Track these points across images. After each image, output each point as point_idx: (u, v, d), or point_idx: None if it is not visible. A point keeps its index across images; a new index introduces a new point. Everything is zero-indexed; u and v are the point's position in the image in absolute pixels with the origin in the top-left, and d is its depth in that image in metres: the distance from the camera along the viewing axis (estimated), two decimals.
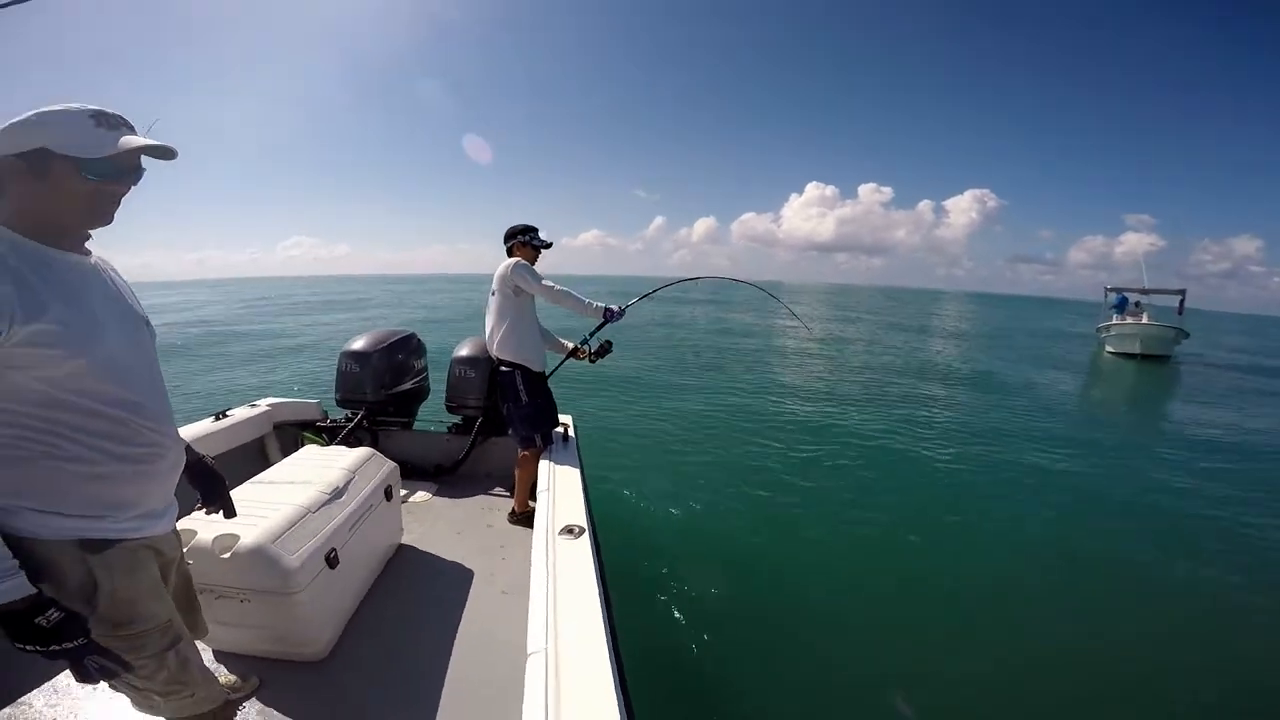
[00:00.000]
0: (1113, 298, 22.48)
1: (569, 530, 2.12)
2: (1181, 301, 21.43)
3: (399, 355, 4.01)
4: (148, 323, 1.28)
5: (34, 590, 1.02)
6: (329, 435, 3.76)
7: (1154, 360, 19.13)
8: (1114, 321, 21.15)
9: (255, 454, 3.56)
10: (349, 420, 3.89)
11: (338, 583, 2.17)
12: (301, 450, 2.85)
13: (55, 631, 1.03)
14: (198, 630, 1.53)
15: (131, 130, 1.10)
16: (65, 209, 1.08)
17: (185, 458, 1.37)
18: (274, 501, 2.16)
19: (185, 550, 1.54)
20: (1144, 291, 22.04)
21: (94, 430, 1.11)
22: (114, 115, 1.08)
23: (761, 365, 14.45)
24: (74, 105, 1.05)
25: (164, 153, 1.12)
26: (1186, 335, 20.16)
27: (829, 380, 12.56)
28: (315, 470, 2.52)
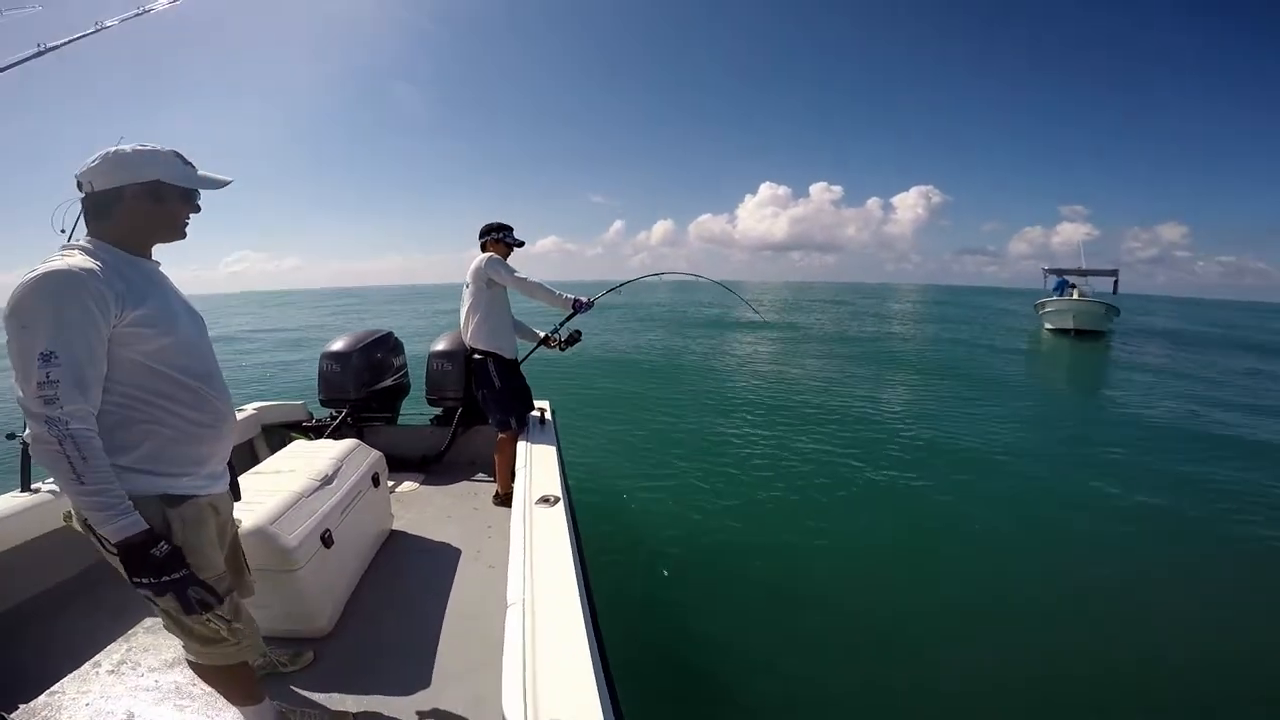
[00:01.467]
0: (1052, 280, 23.36)
1: (545, 500, 2.21)
2: (1115, 282, 22.56)
3: (378, 354, 4.09)
4: (201, 317, 1.49)
5: (147, 526, 1.20)
6: (315, 434, 3.79)
7: (1089, 336, 19.93)
8: (1050, 299, 21.95)
9: (246, 456, 3.59)
10: (333, 419, 3.96)
11: (334, 561, 2.24)
12: (290, 445, 2.95)
13: (166, 562, 1.21)
14: (244, 590, 1.68)
15: (196, 168, 1.37)
16: (164, 227, 1.35)
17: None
18: (268, 490, 2.22)
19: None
20: (1081, 273, 22.98)
21: (178, 398, 1.32)
22: (184, 155, 1.34)
23: (724, 354, 14.75)
24: (161, 146, 1.31)
25: (223, 184, 1.41)
26: (1118, 312, 21.04)
27: (789, 368, 12.84)
28: (304, 461, 2.59)
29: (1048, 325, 21.65)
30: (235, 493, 1.72)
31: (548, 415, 3.49)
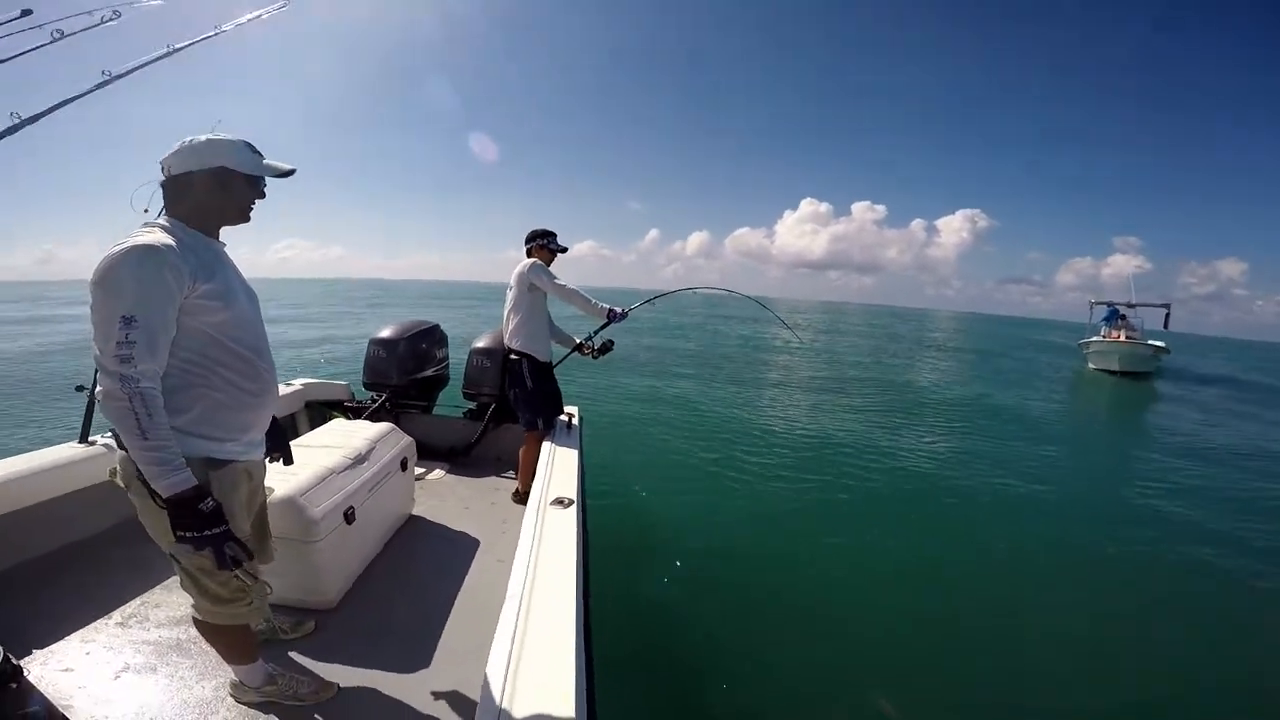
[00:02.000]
0: (1100, 311, 22.55)
1: (559, 501, 2.26)
2: (1167, 316, 21.50)
3: (423, 344, 4.24)
4: (255, 295, 1.59)
5: (197, 482, 1.29)
6: (354, 415, 3.95)
7: (1134, 377, 19.02)
8: (1096, 338, 21.12)
9: (287, 429, 3.80)
10: (373, 402, 4.12)
11: (353, 538, 2.33)
12: (330, 422, 3.10)
13: (210, 517, 1.30)
14: (266, 556, 1.75)
15: (264, 156, 1.47)
16: (231, 210, 1.46)
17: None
18: (303, 462, 2.31)
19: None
20: (1130, 305, 22.11)
21: (233, 366, 1.42)
22: (254, 145, 1.45)
23: (757, 372, 14.66)
24: (232, 135, 1.42)
25: (288, 173, 1.50)
26: (1167, 351, 19.99)
27: (821, 389, 12.72)
28: (341, 438, 2.71)
29: (1091, 365, 20.87)
30: (288, 457, 1.86)
31: (574, 421, 3.56)
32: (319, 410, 3.98)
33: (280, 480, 2.12)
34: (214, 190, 1.40)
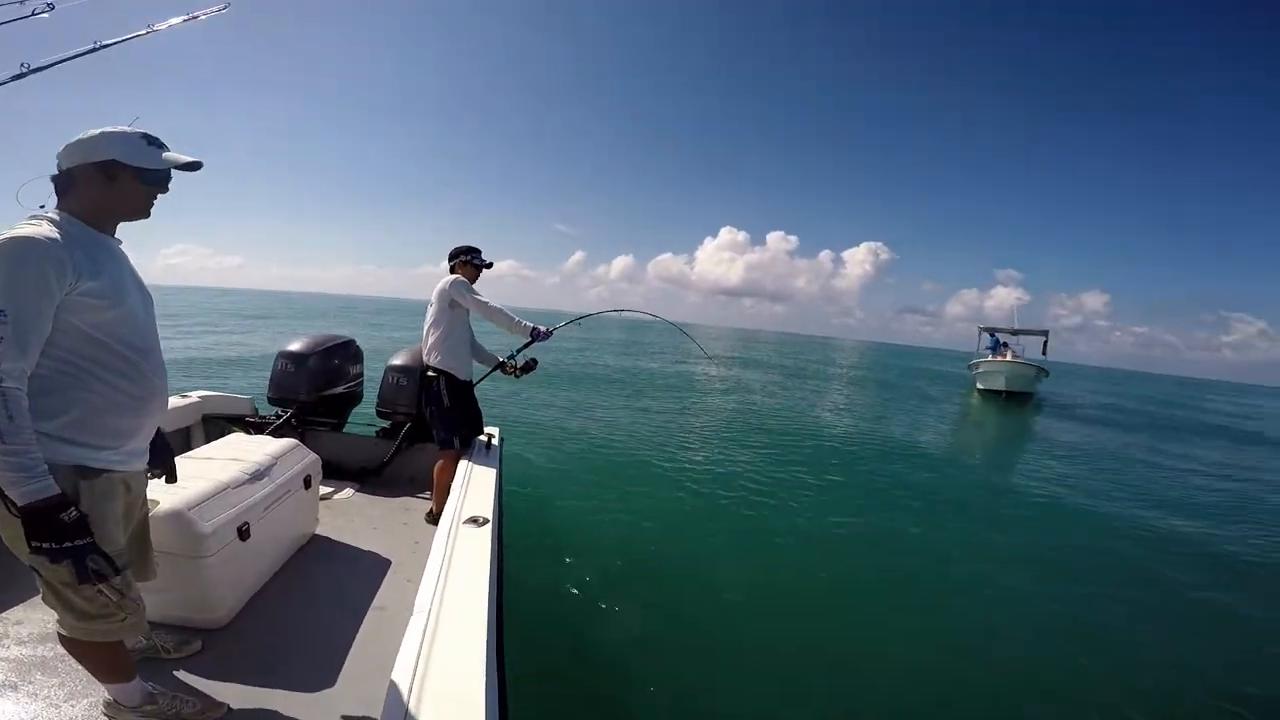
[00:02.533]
0: (986, 338, 24.48)
1: (474, 520, 2.22)
2: (1045, 343, 23.57)
3: (335, 360, 4.05)
4: (150, 295, 1.51)
5: (59, 491, 1.21)
6: (255, 430, 3.72)
7: (1018, 398, 20.60)
8: (984, 359, 22.81)
9: (180, 443, 3.48)
10: (278, 418, 3.89)
11: (247, 555, 2.21)
12: (228, 436, 2.93)
13: (70, 528, 1.21)
14: (147, 572, 1.65)
15: (167, 148, 1.41)
16: (122, 206, 1.39)
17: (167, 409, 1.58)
18: (193, 475, 2.19)
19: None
20: (1013, 332, 24.18)
21: (114, 367, 1.34)
22: (155, 137, 1.39)
23: (674, 397, 14.81)
24: (128, 128, 1.35)
25: (194, 166, 1.42)
26: (1047, 374, 21.97)
27: (734, 416, 12.92)
28: (237, 453, 2.56)
29: (980, 385, 22.28)
30: (171, 474, 1.77)
31: (494, 441, 3.50)
32: (218, 425, 3.73)
33: (167, 493, 1.98)
34: (101, 184, 1.33)
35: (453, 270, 3.37)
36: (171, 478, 1.77)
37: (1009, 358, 22.08)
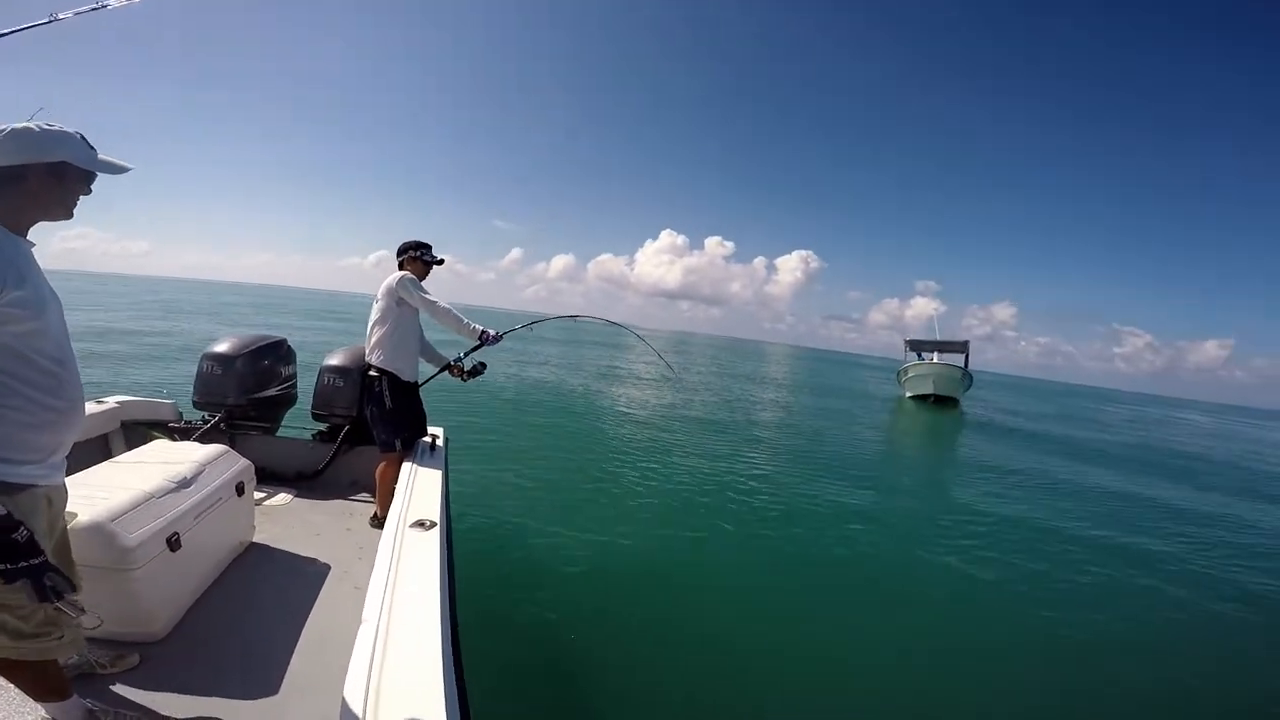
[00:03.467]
0: (914, 356, 25.59)
1: (420, 523, 2.17)
2: (966, 356, 24.73)
3: (265, 360, 3.84)
4: (59, 300, 1.42)
5: (5, 511, 1.15)
6: (181, 436, 3.47)
7: (946, 403, 21.52)
8: (912, 363, 23.82)
9: (98, 452, 3.23)
10: (204, 422, 3.67)
11: (179, 566, 2.09)
12: (151, 444, 2.75)
13: (25, 546, 1.16)
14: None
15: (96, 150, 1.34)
16: (57, 206, 1.31)
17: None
18: (116, 485, 2.06)
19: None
20: (936, 345, 25.35)
21: (36, 382, 1.26)
22: (88, 139, 1.32)
23: (621, 401, 14.93)
24: (68, 128, 1.28)
25: (122, 169, 1.38)
26: (972, 380, 22.99)
27: (677, 421, 13.09)
28: (163, 460, 2.42)
29: (909, 392, 23.14)
30: None
31: (439, 442, 3.41)
32: (139, 431, 3.49)
33: (87, 504, 1.86)
34: (49, 186, 1.26)
35: (401, 266, 3.27)
36: None
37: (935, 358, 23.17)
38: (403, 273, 3.20)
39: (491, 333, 3.26)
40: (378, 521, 3.19)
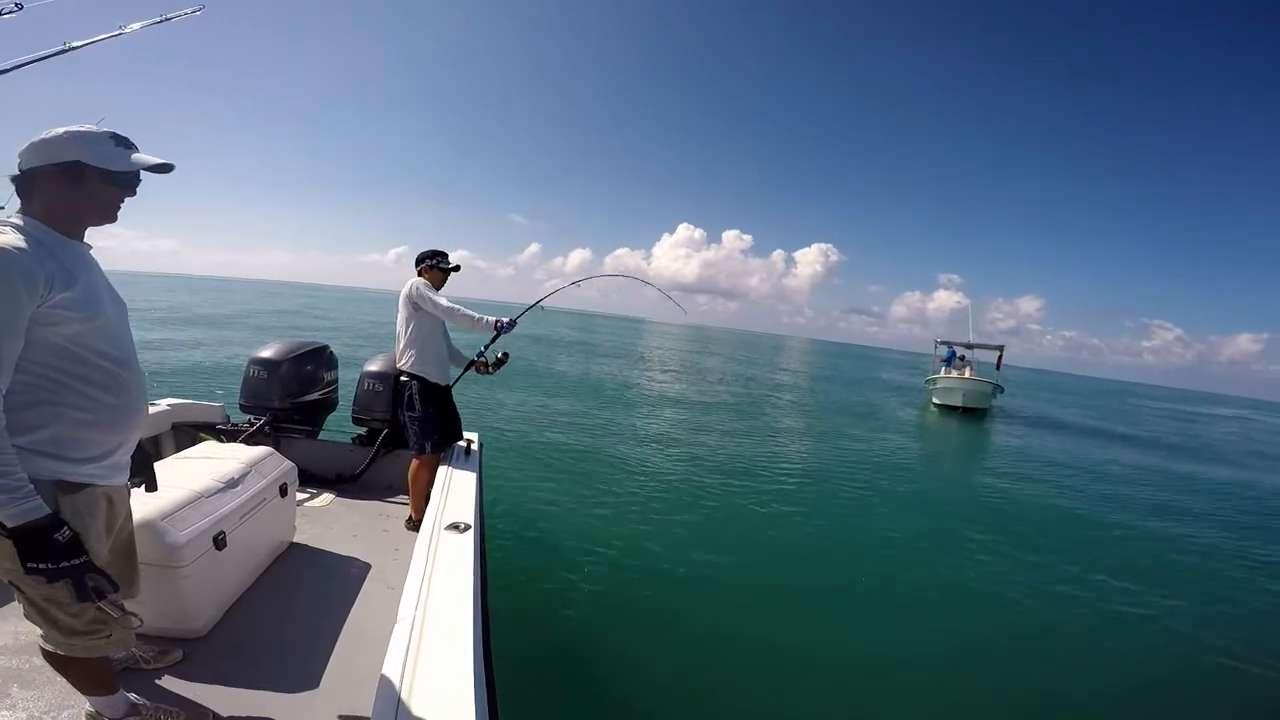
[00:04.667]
0: (943, 350, 23.88)
1: (455, 526, 2.18)
2: (1000, 357, 22.88)
3: (308, 366, 3.93)
4: (123, 302, 1.44)
5: (50, 511, 1.16)
6: (228, 438, 3.56)
7: (974, 413, 20.03)
8: (940, 374, 22.06)
9: (150, 452, 3.39)
10: (251, 425, 3.75)
11: (224, 565, 2.12)
12: (200, 445, 2.81)
13: (68, 548, 1.17)
14: (133, 588, 1.58)
15: (137, 149, 1.31)
16: (90, 209, 1.29)
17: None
18: (167, 484, 2.07)
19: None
20: (969, 346, 23.45)
21: (93, 381, 1.26)
22: (125, 137, 1.30)
23: (639, 398, 14.87)
24: (94, 127, 1.26)
25: (165, 168, 1.32)
26: (1002, 390, 21.31)
27: (700, 417, 13.03)
28: (211, 461, 2.46)
29: (936, 401, 21.61)
30: (151, 483, 1.70)
31: (474, 447, 3.43)
32: (188, 433, 3.59)
33: (140, 503, 1.90)
34: (66, 187, 1.24)
35: (420, 274, 3.33)
36: (152, 486, 1.70)
37: (967, 374, 21.54)
38: (417, 279, 3.26)
39: (505, 320, 3.30)
40: (413, 524, 3.20)
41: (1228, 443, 20.68)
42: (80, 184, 1.25)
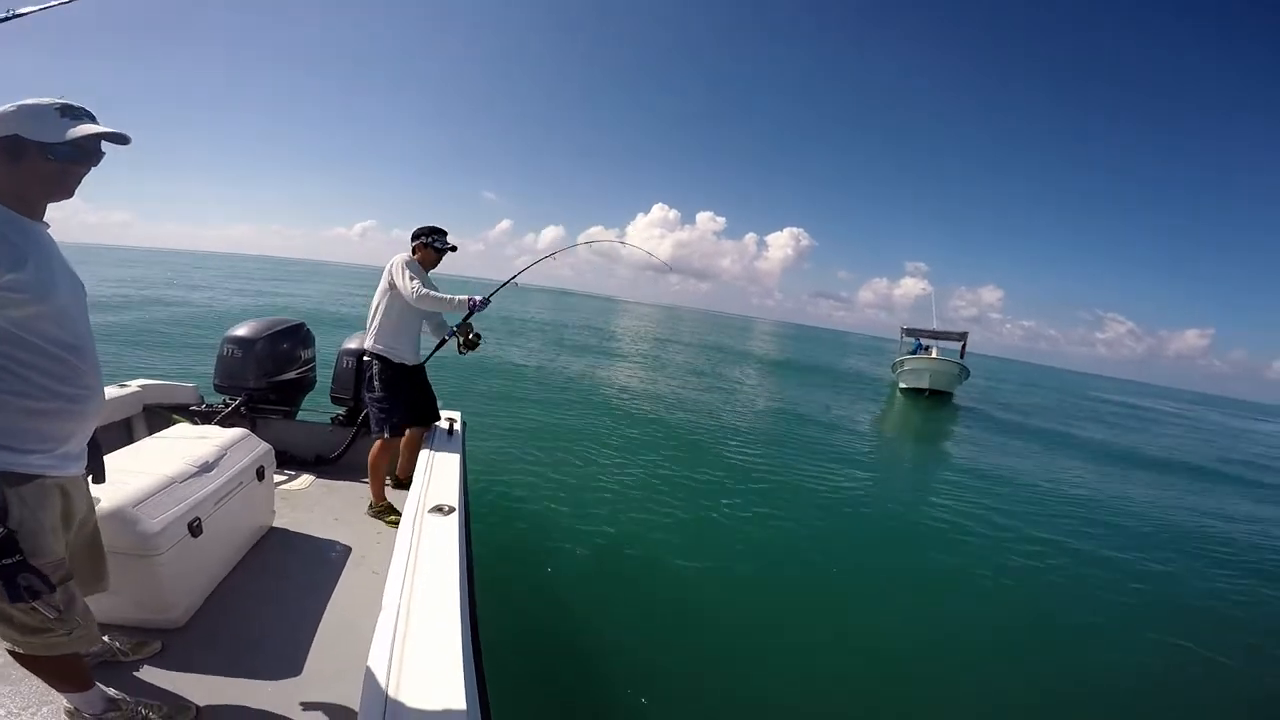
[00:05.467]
0: (910, 342, 23.94)
1: (439, 509, 2.13)
2: (963, 346, 22.96)
3: (284, 344, 3.79)
4: (82, 284, 1.36)
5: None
6: (203, 420, 3.43)
7: (940, 396, 19.95)
8: (909, 356, 21.89)
9: (121, 435, 3.18)
10: (226, 406, 3.62)
11: (201, 552, 2.04)
12: (173, 427, 2.70)
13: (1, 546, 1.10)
14: (101, 581, 1.53)
15: (93, 120, 1.23)
16: (34, 185, 1.21)
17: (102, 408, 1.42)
18: (138, 470, 2.00)
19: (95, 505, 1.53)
20: (934, 335, 23.54)
21: (43, 368, 1.19)
22: (79, 107, 1.22)
23: (617, 378, 14.66)
24: (45, 99, 1.18)
25: (119, 139, 1.25)
26: (968, 374, 21.19)
27: (674, 397, 12.95)
28: (185, 444, 2.36)
29: (903, 384, 21.29)
30: (99, 474, 1.57)
31: (457, 427, 3.35)
32: (160, 415, 3.45)
33: (110, 490, 1.80)
34: (6, 164, 1.17)
35: (414, 251, 3.17)
36: (99, 478, 1.59)
37: (934, 355, 21.51)
38: (404, 255, 3.09)
39: (477, 299, 3.09)
40: (375, 509, 3.07)
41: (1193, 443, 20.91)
42: (19, 160, 1.17)
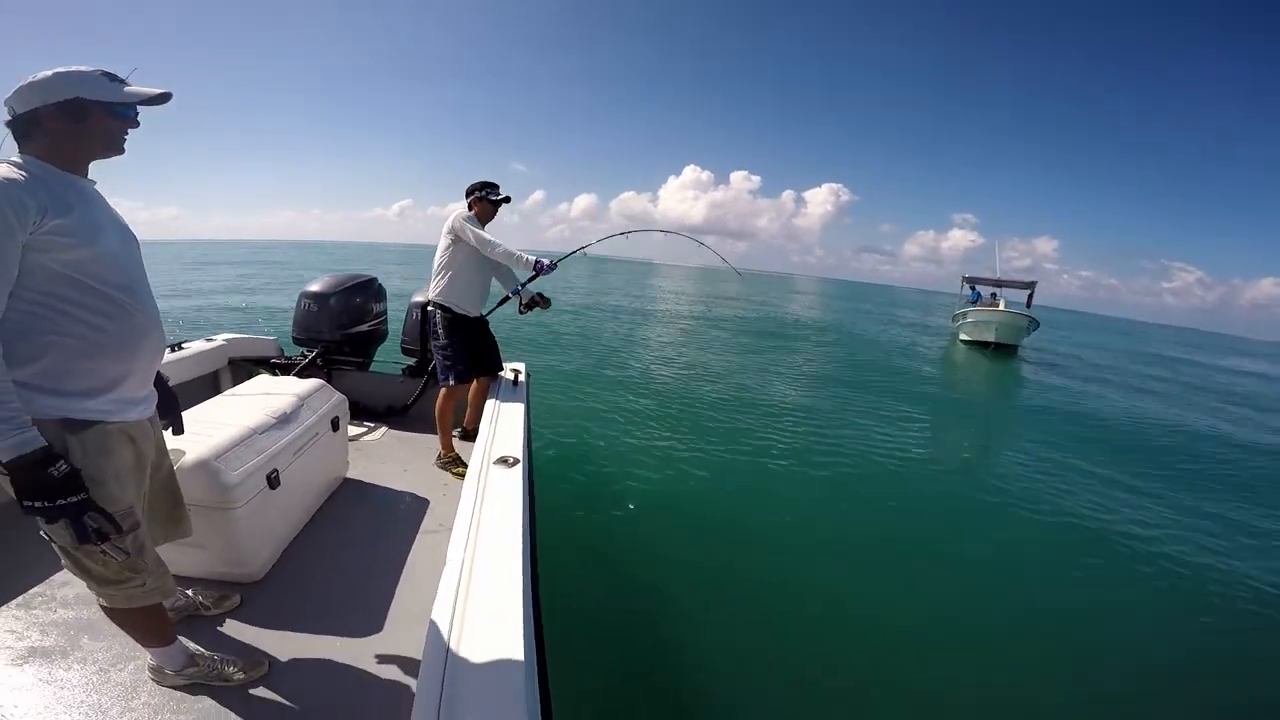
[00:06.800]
0: (968, 290, 21.27)
1: (503, 460, 2.07)
2: (1030, 295, 20.10)
3: (357, 298, 3.85)
4: (134, 235, 1.36)
5: (45, 443, 1.08)
6: (283, 372, 3.54)
7: (1005, 350, 17.75)
8: (971, 307, 19.58)
9: (208, 387, 3.31)
10: (303, 358, 3.71)
11: (278, 504, 2.05)
12: (253, 380, 2.77)
13: (63, 484, 1.09)
14: (181, 525, 1.55)
15: (129, 84, 1.24)
16: (95, 143, 1.23)
17: (164, 353, 1.42)
18: (220, 421, 2.01)
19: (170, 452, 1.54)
20: (998, 283, 20.79)
21: (91, 305, 1.17)
22: (114, 74, 1.23)
23: (678, 339, 14.53)
24: (85, 66, 1.20)
25: (163, 98, 1.26)
26: (1037, 325, 18.67)
27: (739, 357, 12.70)
28: (264, 396, 2.38)
29: (964, 335, 19.31)
30: (178, 427, 1.58)
31: (521, 378, 3.32)
32: (244, 368, 3.58)
33: (193, 442, 1.81)
34: (69, 124, 1.18)
35: (470, 207, 3.15)
36: (178, 430, 1.60)
37: (1001, 307, 19.10)
38: (461, 210, 3.11)
39: (545, 262, 3.09)
40: (442, 460, 3.10)
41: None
42: (84, 119, 1.19)
